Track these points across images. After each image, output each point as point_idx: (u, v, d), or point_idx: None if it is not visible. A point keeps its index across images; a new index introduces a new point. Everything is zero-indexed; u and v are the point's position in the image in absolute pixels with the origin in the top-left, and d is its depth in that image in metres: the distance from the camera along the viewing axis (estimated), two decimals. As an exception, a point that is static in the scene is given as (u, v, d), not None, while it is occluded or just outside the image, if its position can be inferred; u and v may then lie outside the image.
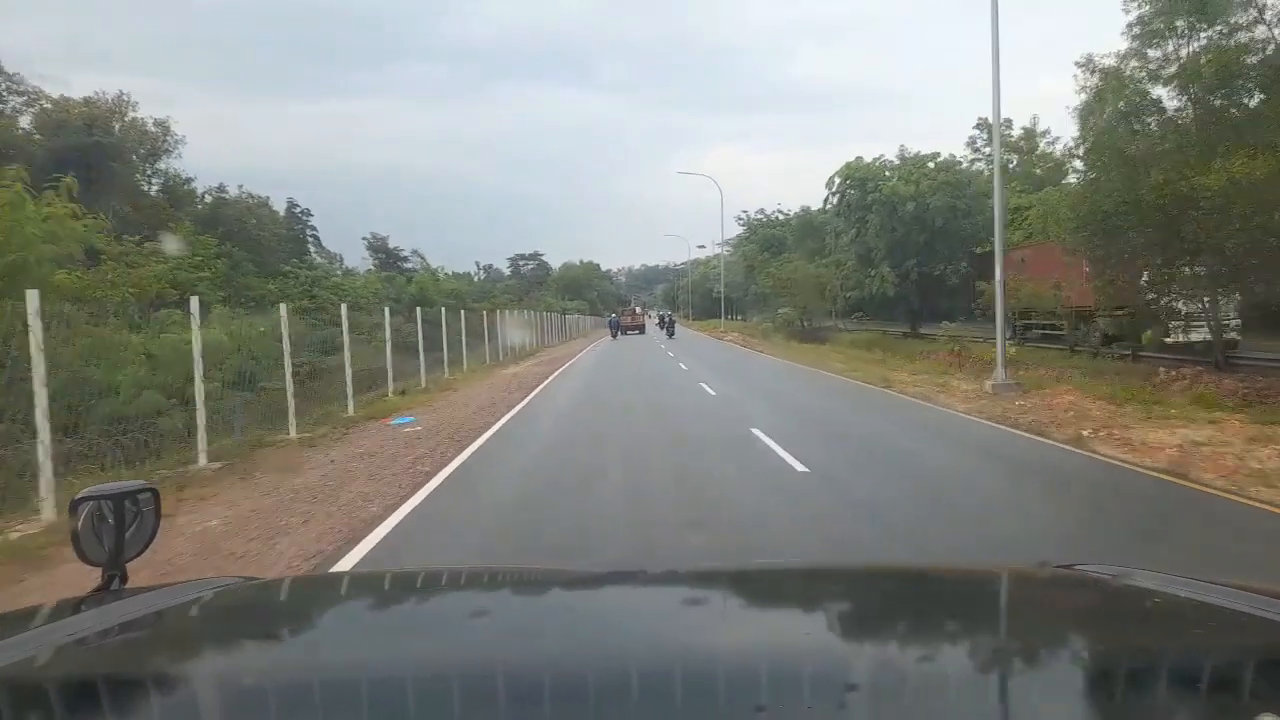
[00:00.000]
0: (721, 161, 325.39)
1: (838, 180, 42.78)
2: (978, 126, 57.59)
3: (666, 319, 61.33)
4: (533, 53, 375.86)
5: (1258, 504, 7.24)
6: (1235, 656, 1.06)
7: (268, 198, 69.95)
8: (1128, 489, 8.24)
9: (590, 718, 0.92)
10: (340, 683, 1.01)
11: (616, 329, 56.26)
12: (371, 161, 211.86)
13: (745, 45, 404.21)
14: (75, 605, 1.31)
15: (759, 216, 76.94)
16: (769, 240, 68.96)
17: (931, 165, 41.90)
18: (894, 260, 40.53)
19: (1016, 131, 58.62)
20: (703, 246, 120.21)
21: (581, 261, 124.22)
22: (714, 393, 17.59)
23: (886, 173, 41.37)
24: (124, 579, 1.44)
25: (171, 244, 35.65)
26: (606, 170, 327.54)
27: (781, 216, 74.42)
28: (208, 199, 61.48)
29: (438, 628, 1.38)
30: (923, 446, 10.95)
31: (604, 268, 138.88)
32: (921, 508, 7.41)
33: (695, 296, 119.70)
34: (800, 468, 8.94)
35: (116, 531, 1.41)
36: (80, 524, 1.40)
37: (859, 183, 41.29)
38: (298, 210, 79.06)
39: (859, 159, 41.67)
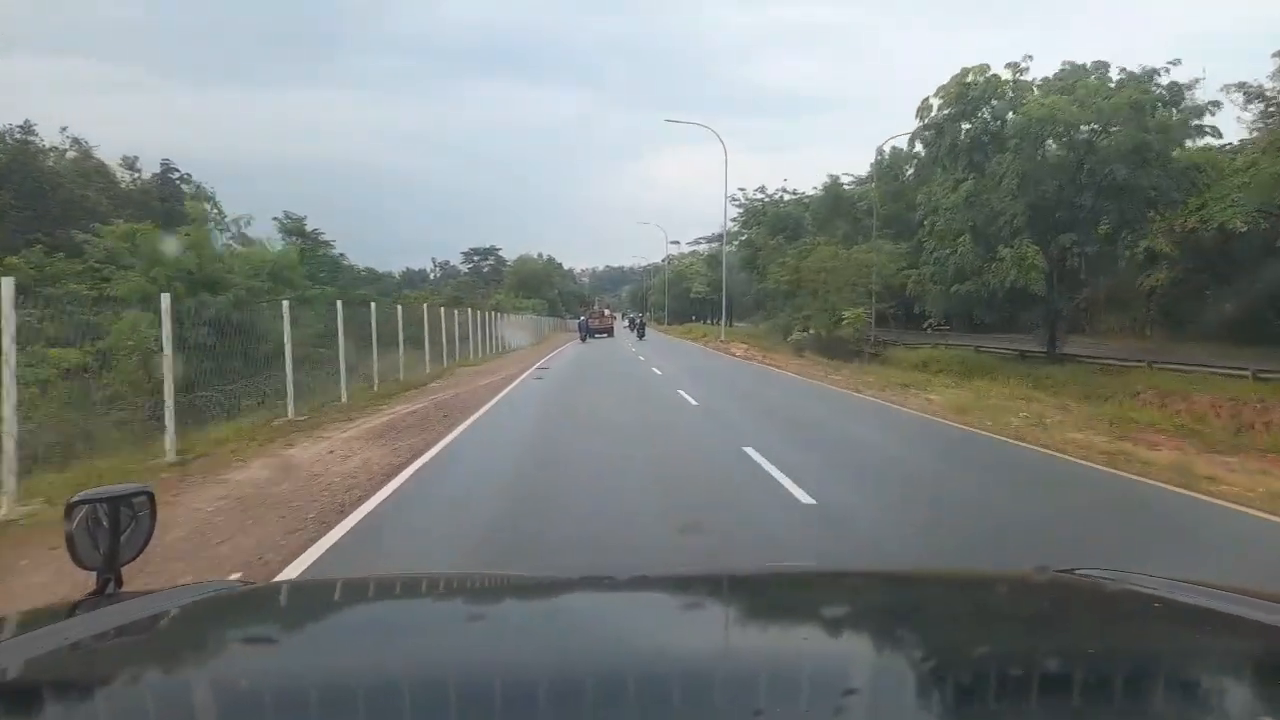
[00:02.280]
0: (689, 163, 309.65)
1: (936, 104, 26.69)
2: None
3: (637, 321, 61.86)
4: (495, 51, 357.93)
5: None
6: (1235, 660, 1.07)
7: (135, 159, 54.68)
8: None
9: None
10: (333, 687, 0.99)
11: (585, 332, 52.80)
12: (322, 155, 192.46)
13: (716, 47, 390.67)
14: (70, 609, 1.29)
15: (759, 197, 60.91)
16: (781, 221, 52.87)
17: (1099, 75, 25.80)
18: (1035, 233, 24.75)
19: (1113, 74, 43.16)
20: (676, 242, 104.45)
21: (541, 255, 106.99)
22: None
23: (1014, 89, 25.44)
24: (119, 583, 1.40)
25: None
26: (572, 171, 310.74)
27: (789, 196, 58.53)
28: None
29: (435, 633, 1.34)
30: None
31: (566, 266, 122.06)
32: None
33: (667, 297, 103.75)
34: None
35: (111, 535, 1.37)
36: (75, 528, 1.35)
37: (972, 106, 25.41)
38: (175, 177, 61.98)
39: (982, 66, 25.53)
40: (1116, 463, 9.62)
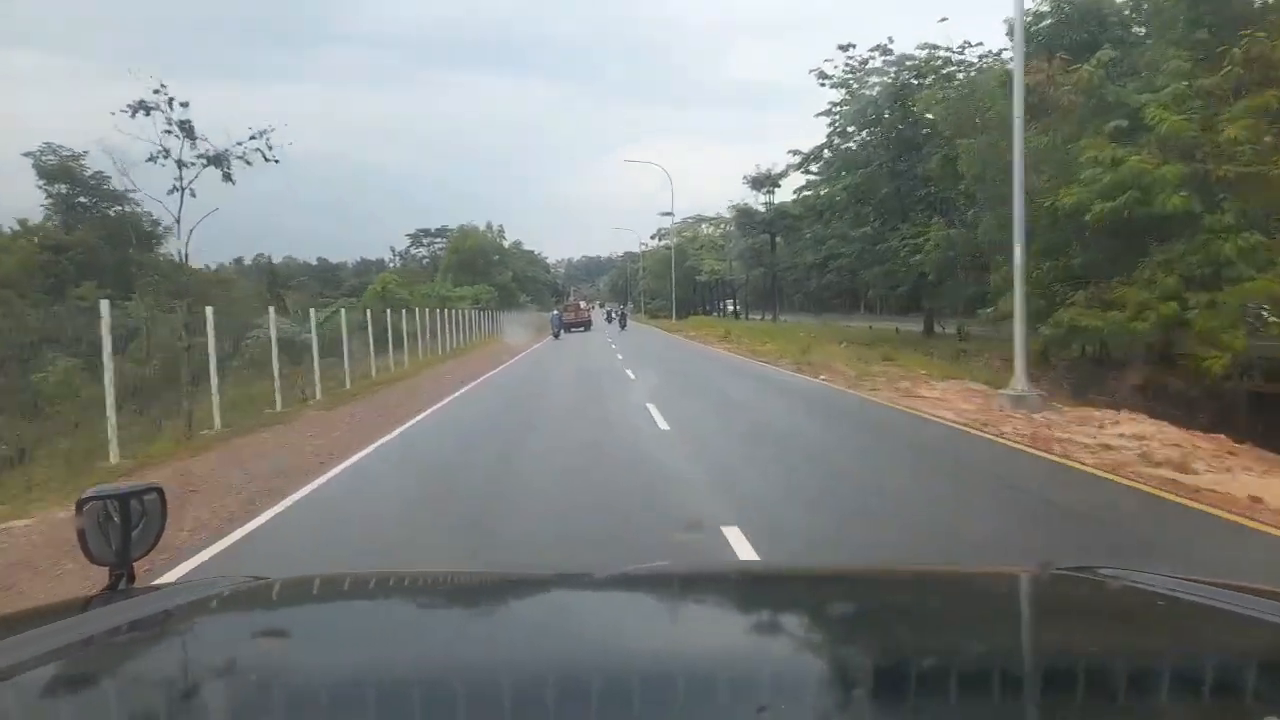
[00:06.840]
0: (662, 156, 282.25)
1: None
2: None
3: (616, 314, 60.93)
4: (466, 41, 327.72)
5: None
6: (1239, 659, 1.05)
7: None
8: None
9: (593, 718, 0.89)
10: (342, 681, 0.99)
11: (559, 326, 43.85)
12: (289, 150, 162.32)
13: (685, 38, 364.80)
14: (84, 604, 1.30)
15: (874, 62, 31.88)
16: (1084, 19, 23.20)
17: None
18: None
19: None
20: (669, 214, 74.65)
21: (491, 227, 76.90)
22: None
23: None
24: (131, 578, 1.38)
25: None
26: (545, 162, 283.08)
27: (942, 58, 29.66)
28: None
29: (445, 629, 1.34)
30: None
31: (538, 253, 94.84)
32: None
33: (674, 281, 74.32)
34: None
35: (123, 531, 1.35)
36: (86, 524, 1.33)
37: None
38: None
39: None
40: None
